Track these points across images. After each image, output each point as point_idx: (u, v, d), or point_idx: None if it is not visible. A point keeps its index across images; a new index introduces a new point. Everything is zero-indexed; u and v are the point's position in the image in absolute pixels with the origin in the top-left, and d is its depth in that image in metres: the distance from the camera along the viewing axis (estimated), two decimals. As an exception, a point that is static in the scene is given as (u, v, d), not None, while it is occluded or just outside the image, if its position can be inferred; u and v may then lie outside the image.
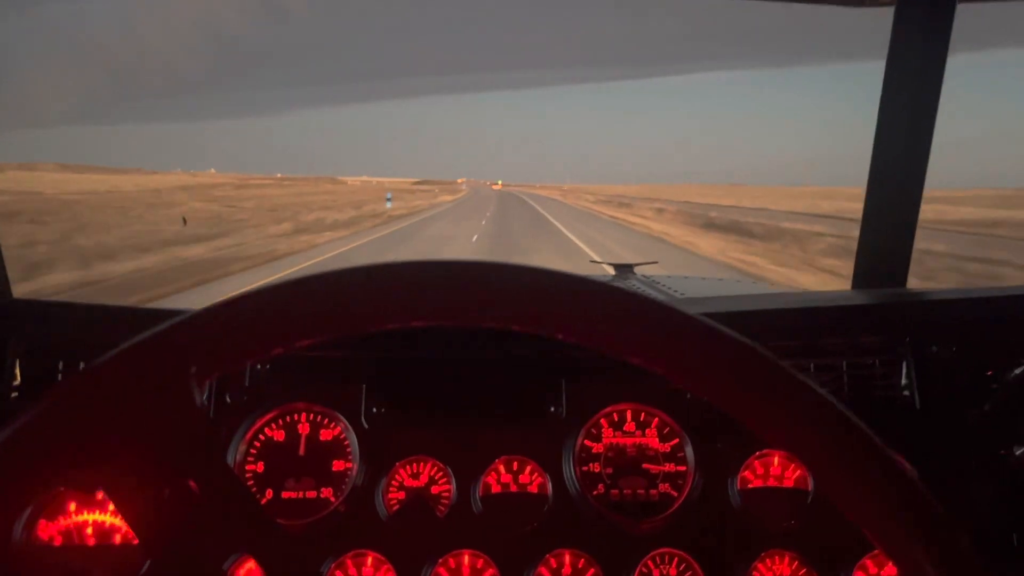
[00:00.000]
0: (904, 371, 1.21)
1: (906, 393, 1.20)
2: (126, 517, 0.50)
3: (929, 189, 1.53)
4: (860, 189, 1.59)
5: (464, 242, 18.93)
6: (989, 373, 1.18)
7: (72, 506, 1.10)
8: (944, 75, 1.45)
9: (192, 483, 0.49)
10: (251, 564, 1.09)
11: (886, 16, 1.50)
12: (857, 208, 1.59)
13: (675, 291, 1.88)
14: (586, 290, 0.48)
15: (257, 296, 0.48)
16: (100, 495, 1.09)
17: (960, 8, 1.41)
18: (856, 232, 1.61)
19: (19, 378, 1.15)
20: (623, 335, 0.48)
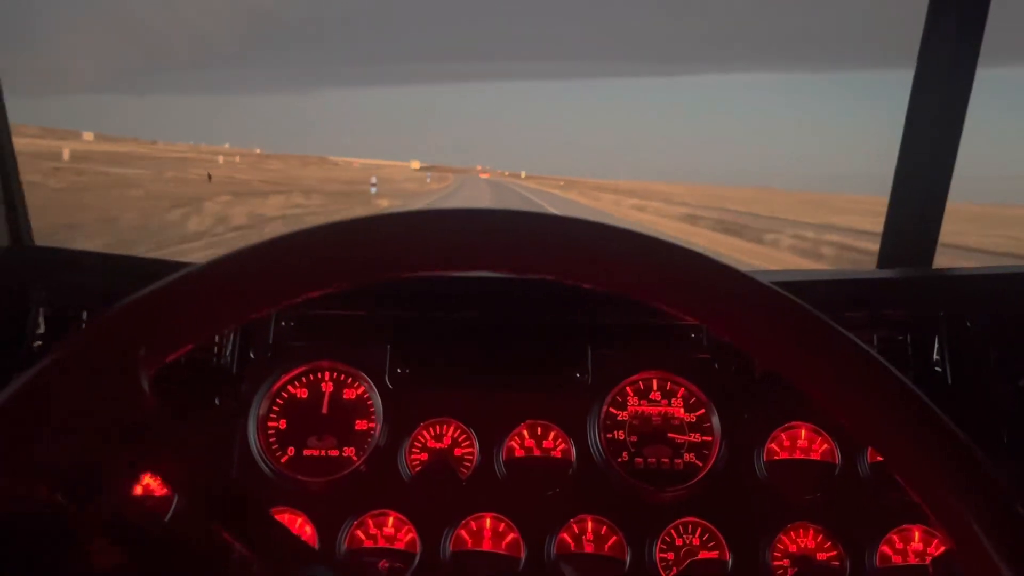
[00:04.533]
0: (936, 347, 1.20)
1: (938, 369, 1.19)
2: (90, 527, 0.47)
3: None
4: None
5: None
6: (1021, 349, 1.16)
7: None
8: (980, 52, 1.42)
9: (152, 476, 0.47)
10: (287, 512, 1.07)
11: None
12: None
13: None
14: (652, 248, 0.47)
15: (207, 270, 0.45)
16: None
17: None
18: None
19: (43, 326, 1.14)
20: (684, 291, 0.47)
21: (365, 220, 0.47)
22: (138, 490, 1.05)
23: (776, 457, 1.16)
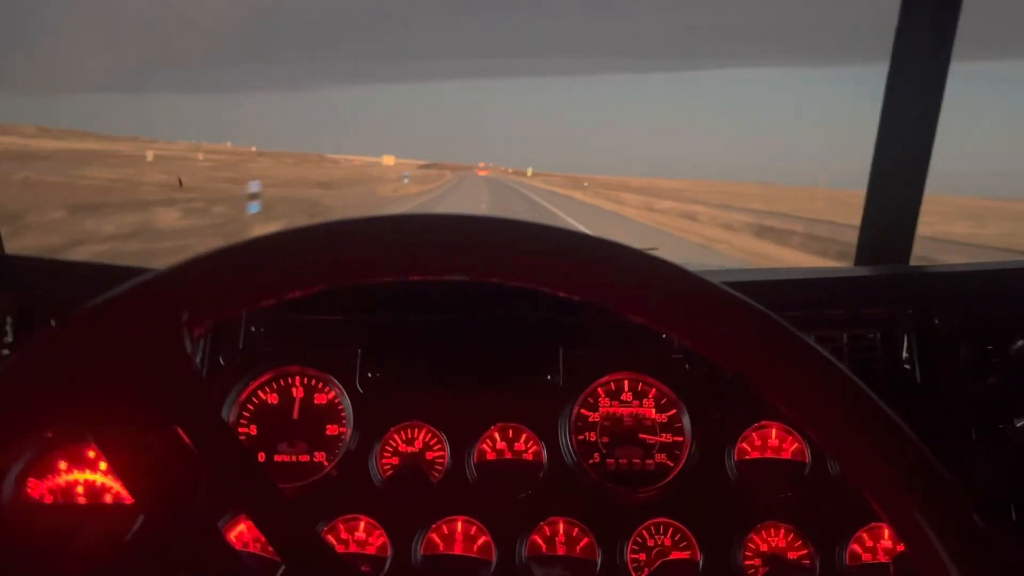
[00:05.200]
0: (905, 344, 1.20)
1: (907, 367, 1.19)
2: (115, 468, 0.49)
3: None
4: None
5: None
6: (990, 347, 1.17)
7: (63, 464, 1.09)
8: (953, 47, 1.42)
9: (181, 432, 0.48)
10: (243, 526, 1.09)
11: None
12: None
13: None
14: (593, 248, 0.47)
15: (251, 245, 0.47)
16: (91, 453, 1.08)
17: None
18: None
19: (11, 335, 1.13)
20: (633, 295, 0.47)
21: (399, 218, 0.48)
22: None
23: (747, 456, 1.16)
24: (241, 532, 1.09)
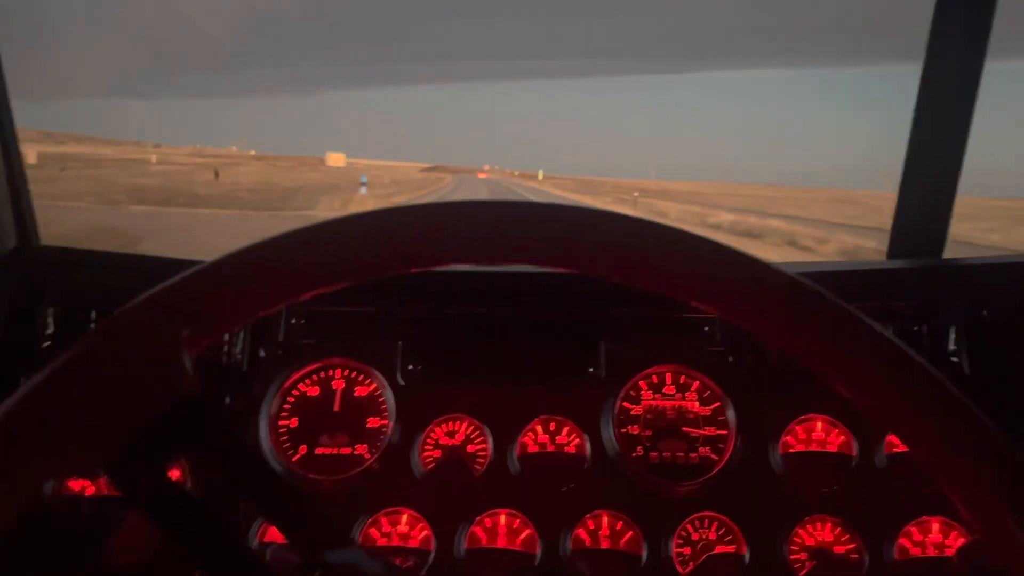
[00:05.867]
0: (952, 337, 1.19)
1: (955, 359, 1.18)
2: (132, 505, 0.46)
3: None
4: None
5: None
6: None
7: None
8: (988, 43, 1.41)
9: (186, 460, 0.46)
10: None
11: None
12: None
13: None
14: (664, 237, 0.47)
15: (248, 253, 0.45)
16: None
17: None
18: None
19: (52, 327, 1.13)
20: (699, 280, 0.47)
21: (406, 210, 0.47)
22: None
23: (792, 450, 1.15)
24: (274, 533, 1.08)
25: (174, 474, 0.94)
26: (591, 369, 1.18)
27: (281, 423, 1.13)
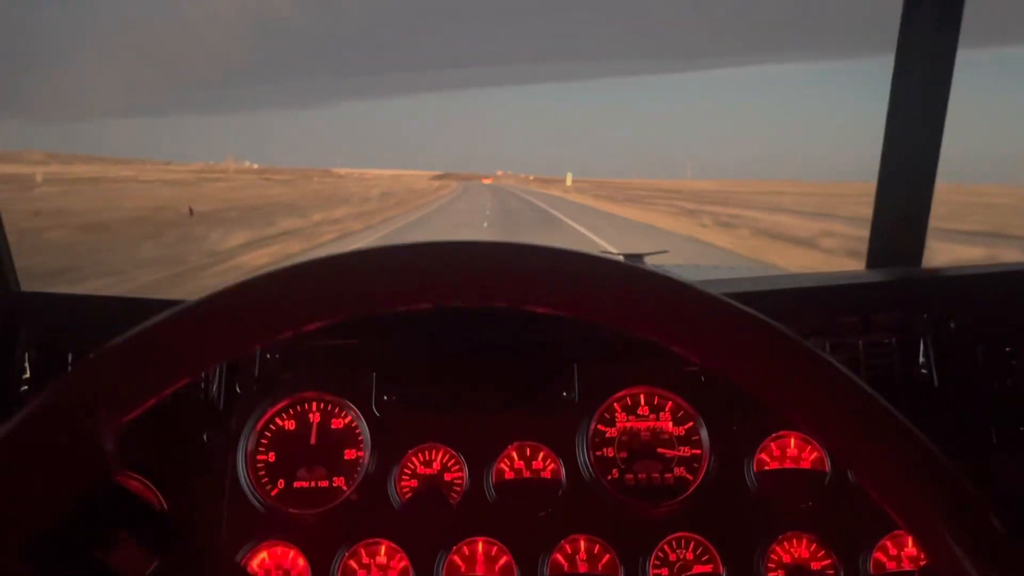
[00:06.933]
0: (922, 349, 1.19)
1: (924, 371, 1.19)
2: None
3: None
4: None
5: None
6: (1008, 349, 1.16)
7: None
8: (958, 44, 1.41)
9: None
10: (265, 554, 1.09)
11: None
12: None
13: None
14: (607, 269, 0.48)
15: (155, 325, 0.45)
16: None
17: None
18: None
19: (28, 371, 1.14)
20: (641, 311, 0.47)
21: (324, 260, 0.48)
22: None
23: (766, 467, 1.16)
24: (263, 560, 1.09)
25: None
26: (564, 393, 1.19)
27: (259, 458, 1.14)
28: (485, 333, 1.21)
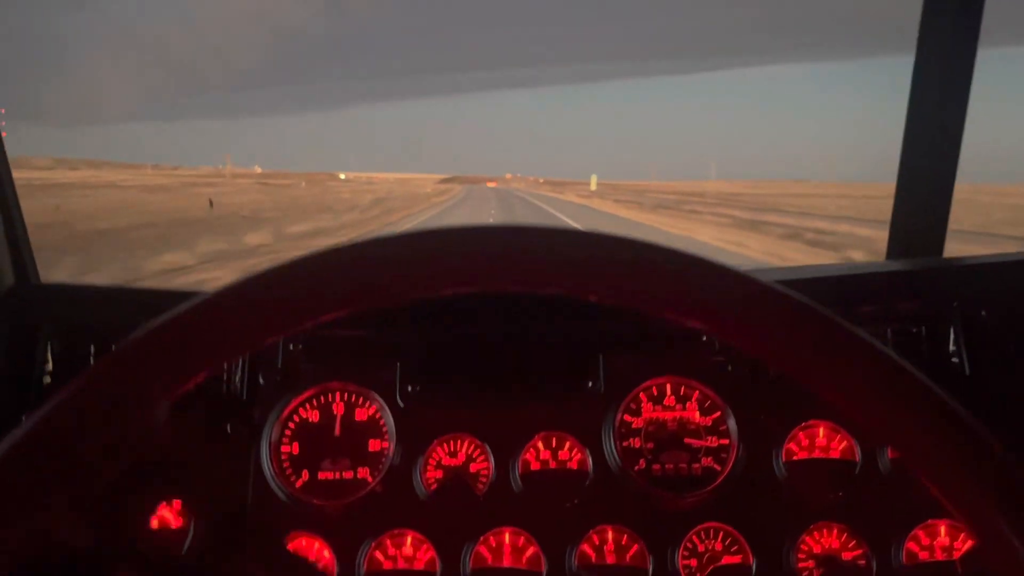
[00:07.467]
0: (952, 338, 1.18)
1: (955, 360, 1.17)
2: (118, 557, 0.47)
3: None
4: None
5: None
6: None
7: None
8: (980, 33, 1.40)
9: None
10: (303, 541, 1.08)
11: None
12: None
13: None
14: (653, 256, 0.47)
15: (217, 298, 0.45)
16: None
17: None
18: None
19: (51, 362, 1.14)
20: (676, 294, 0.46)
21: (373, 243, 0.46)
22: (154, 523, 1.05)
23: (795, 457, 1.14)
24: (299, 546, 1.09)
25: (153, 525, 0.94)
26: (590, 383, 1.18)
27: (283, 450, 1.14)
28: (510, 324, 1.20)
